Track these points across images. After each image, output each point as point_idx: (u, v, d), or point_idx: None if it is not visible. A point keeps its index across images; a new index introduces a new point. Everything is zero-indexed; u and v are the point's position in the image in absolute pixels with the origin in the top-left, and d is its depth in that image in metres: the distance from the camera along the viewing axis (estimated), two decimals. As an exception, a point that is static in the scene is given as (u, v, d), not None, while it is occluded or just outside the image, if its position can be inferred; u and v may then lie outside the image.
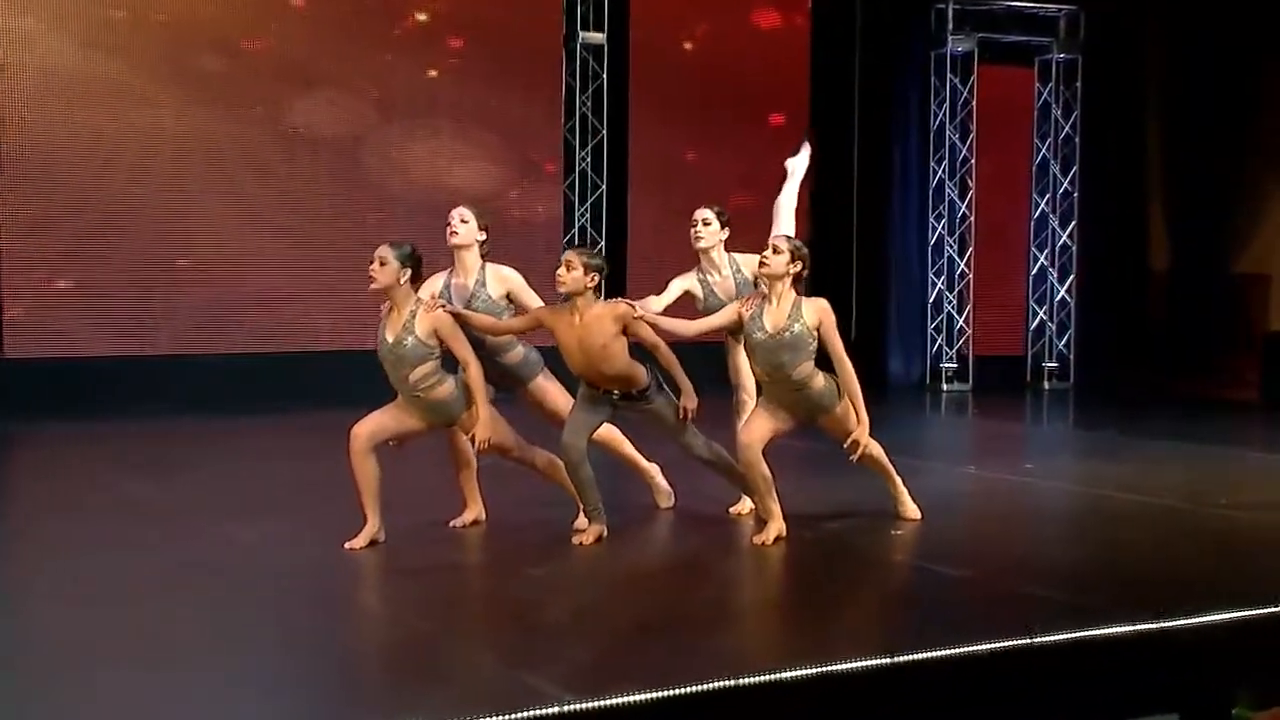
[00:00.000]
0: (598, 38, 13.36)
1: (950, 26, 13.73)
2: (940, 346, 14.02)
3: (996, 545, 6.64)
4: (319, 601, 5.45)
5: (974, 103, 13.89)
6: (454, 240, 6.55)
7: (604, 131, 13.50)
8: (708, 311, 6.72)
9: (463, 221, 6.55)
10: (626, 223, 13.65)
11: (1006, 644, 4.65)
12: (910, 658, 4.44)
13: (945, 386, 13.90)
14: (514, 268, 6.68)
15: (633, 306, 6.24)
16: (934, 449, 10.33)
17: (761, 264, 6.33)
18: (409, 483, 6.80)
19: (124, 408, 10.96)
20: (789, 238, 6.50)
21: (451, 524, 6.60)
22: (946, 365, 14.00)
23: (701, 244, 6.83)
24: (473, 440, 6.24)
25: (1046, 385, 14.34)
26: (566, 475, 6.43)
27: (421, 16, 12.86)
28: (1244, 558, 6.31)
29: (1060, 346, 14.52)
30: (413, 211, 12.09)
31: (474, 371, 6.16)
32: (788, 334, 6.23)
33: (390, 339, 6.12)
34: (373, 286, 6.12)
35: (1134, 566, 6.10)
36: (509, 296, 6.56)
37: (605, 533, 6.35)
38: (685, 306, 6.73)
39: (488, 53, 13.04)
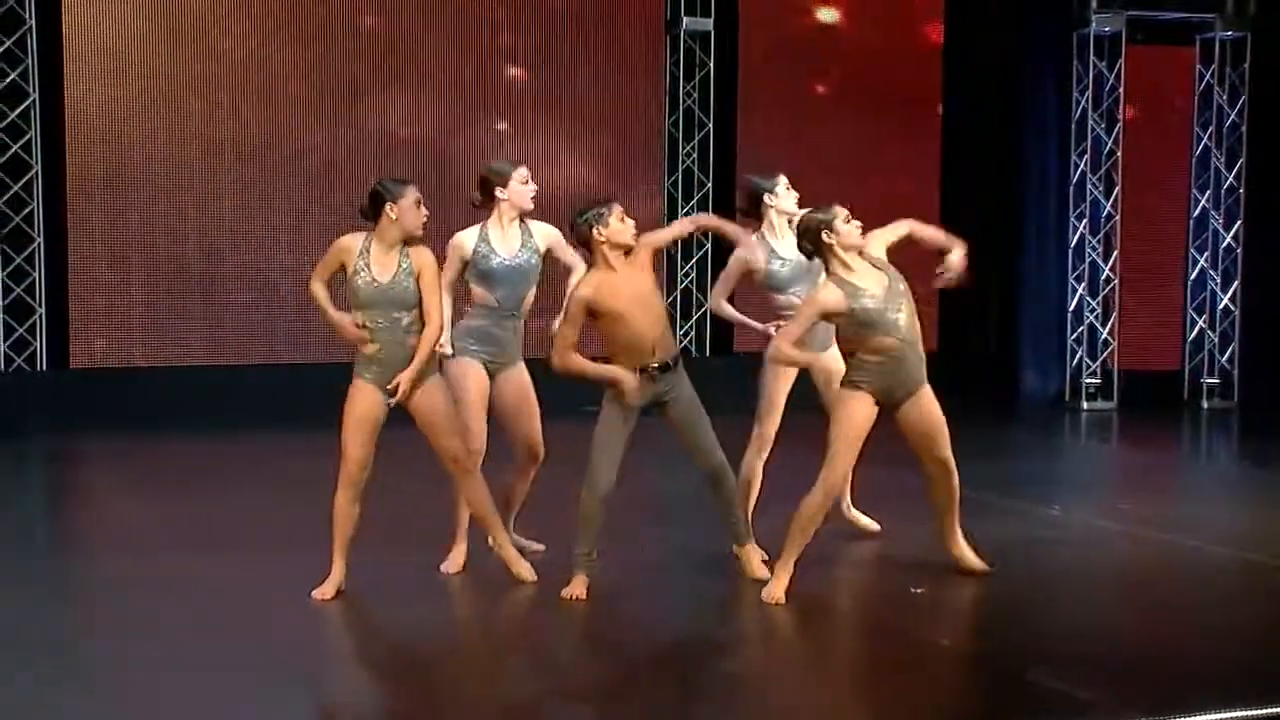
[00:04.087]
0: (704, 24, 12.42)
1: (1094, 4, 12.33)
2: (1081, 359, 12.64)
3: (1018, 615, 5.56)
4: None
5: (1121, 89, 12.46)
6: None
7: (710, 125, 12.55)
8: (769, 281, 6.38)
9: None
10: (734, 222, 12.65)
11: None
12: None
13: (1086, 404, 12.53)
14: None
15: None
16: (1041, 479, 9.00)
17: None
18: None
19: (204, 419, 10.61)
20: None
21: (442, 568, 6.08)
22: (1088, 380, 12.62)
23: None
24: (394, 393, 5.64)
25: (1206, 404, 12.81)
26: (488, 512, 5.87)
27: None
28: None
29: (1223, 361, 12.97)
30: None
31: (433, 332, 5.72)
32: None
33: (385, 280, 5.66)
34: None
35: (1183, 655, 4.92)
36: (549, 251, 6.27)
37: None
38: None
39: (584, 42, 12.24)
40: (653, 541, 6.72)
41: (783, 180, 6.54)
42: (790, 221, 6.29)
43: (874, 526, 6.74)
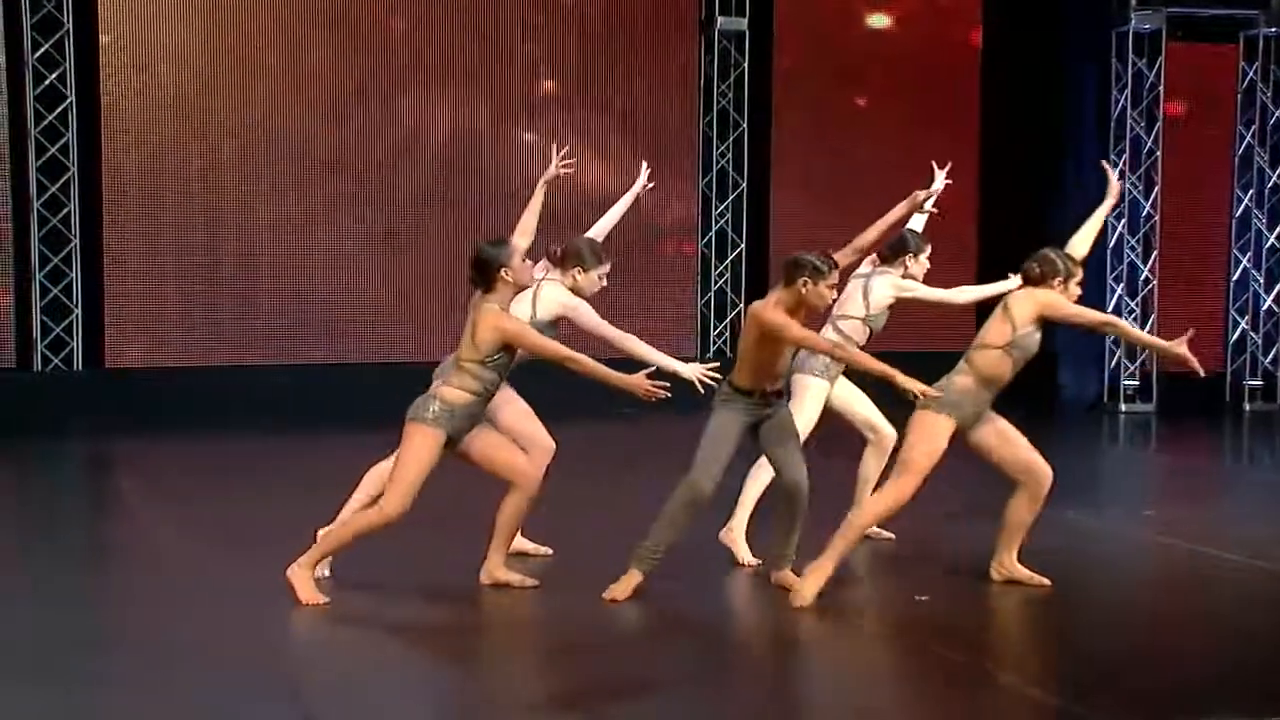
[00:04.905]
0: (739, 23, 12.34)
1: (1134, 1, 12.13)
2: (1120, 361, 12.46)
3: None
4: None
5: (1161, 87, 12.27)
6: None
7: (745, 125, 12.48)
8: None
9: None
10: (769, 224, 12.63)
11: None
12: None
13: (1124, 407, 12.35)
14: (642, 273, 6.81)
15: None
16: (1073, 484, 8.85)
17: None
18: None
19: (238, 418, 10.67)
20: None
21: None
22: (1127, 383, 12.43)
23: None
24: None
25: (1248, 406, 12.60)
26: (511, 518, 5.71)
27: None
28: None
29: (1266, 363, 12.75)
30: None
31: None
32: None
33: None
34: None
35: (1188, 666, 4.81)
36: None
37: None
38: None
39: (616, 40, 12.21)
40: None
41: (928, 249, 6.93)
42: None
43: (887, 534, 6.68)
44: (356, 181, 11.65)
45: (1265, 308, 12.74)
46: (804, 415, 6.27)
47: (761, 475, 6.21)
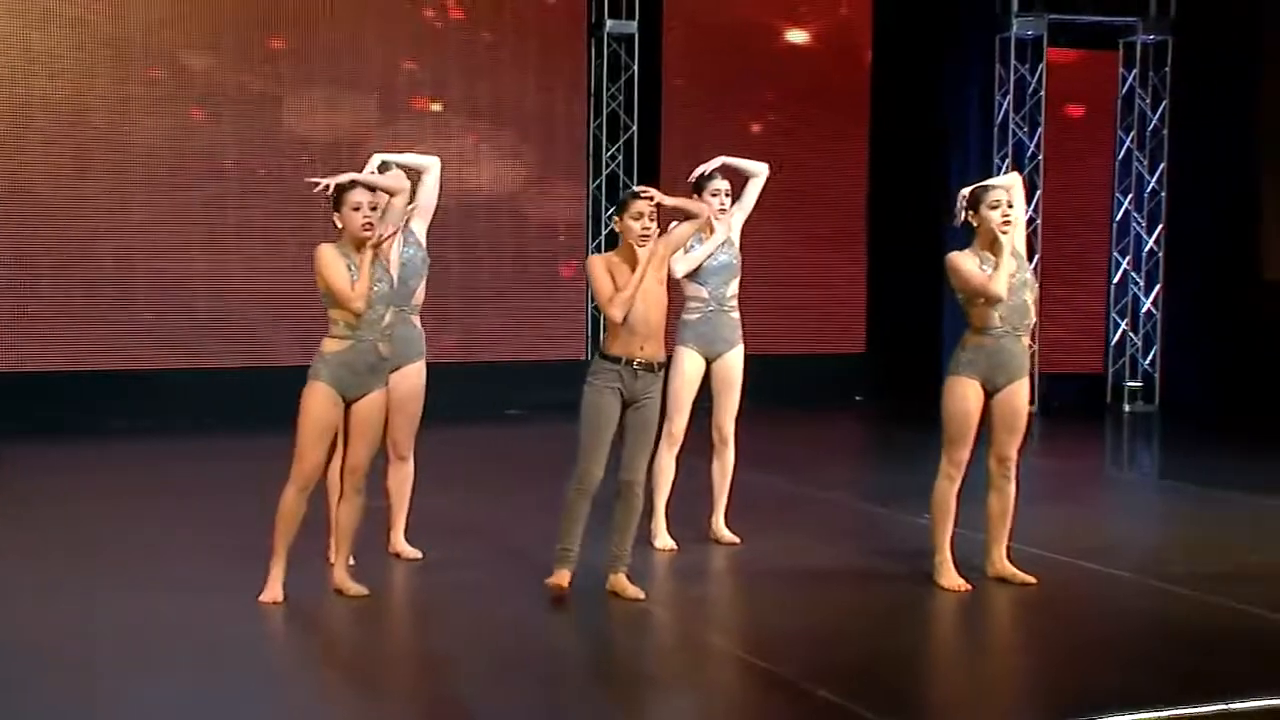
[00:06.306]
0: (628, 26, 12.32)
1: (1015, 7, 12.32)
2: (1003, 363, 12.61)
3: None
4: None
5: (1043, 92, 12.47)
6: None
7: (635, 128, 12.46)
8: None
9: None
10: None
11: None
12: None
13: (1006, 408, 12.50)
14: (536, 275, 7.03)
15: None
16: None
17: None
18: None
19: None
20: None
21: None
22: (1009, 384, 12.58)
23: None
24: None
25: (1127, 407, 12.85)
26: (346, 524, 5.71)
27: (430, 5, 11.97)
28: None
29: (1145, 364, 13.01)
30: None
31: None
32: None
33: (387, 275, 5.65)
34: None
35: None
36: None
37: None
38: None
39: (505, 43, 12.13)
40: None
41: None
42: None
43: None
44: (238, 184, 11.41)
45: (1145, 310, 12.99)
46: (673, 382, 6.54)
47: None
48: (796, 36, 13.01)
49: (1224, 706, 4.47)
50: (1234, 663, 5.05)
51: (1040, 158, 12.51)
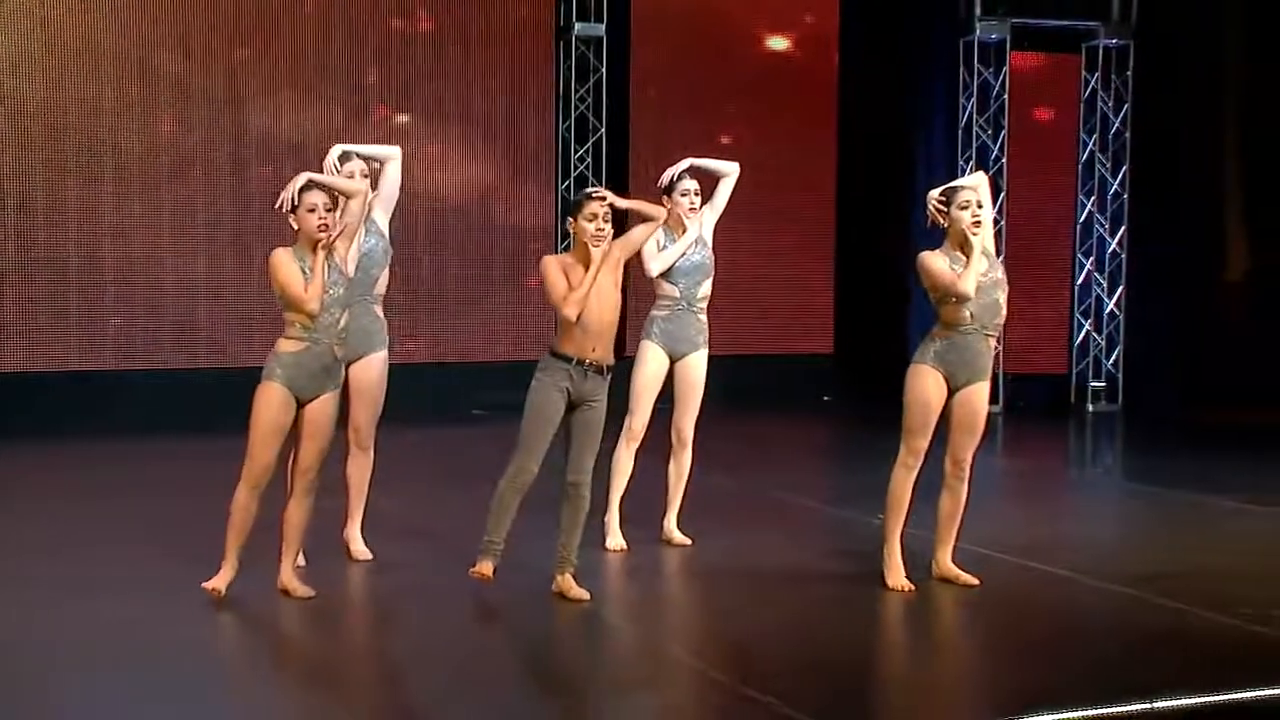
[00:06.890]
0: (596, 29, 12.40)
1: (979, 10, 12.43)
2: (968, 364, 12.72)
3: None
4: None
5: (1006, 95, 12.58)
6: None
7: (603, 130, 12.54)
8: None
9: None
10: (626, 229, 12.64)
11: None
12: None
13: (971, 408, 12.60)
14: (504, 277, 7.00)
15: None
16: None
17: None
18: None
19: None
20: None
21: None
22: (974, 385, 12.69)
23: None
24: None
25: (1091, 407, 12.97)
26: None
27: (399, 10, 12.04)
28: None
29: (1108, 365, 13.13)
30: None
31: None
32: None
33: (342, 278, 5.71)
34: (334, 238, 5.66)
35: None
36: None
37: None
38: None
39: (473, 45, 12.19)
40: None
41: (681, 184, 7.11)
42: None
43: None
44: (206, 183, 11.46)
45: (1108, 311, 13.12)
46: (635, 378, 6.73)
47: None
48: (765, 39, 13.11)
49: (1150, 705, 4.56)
50: (1166, 662, 5.15)
51: (1004, 160, 12.61)
